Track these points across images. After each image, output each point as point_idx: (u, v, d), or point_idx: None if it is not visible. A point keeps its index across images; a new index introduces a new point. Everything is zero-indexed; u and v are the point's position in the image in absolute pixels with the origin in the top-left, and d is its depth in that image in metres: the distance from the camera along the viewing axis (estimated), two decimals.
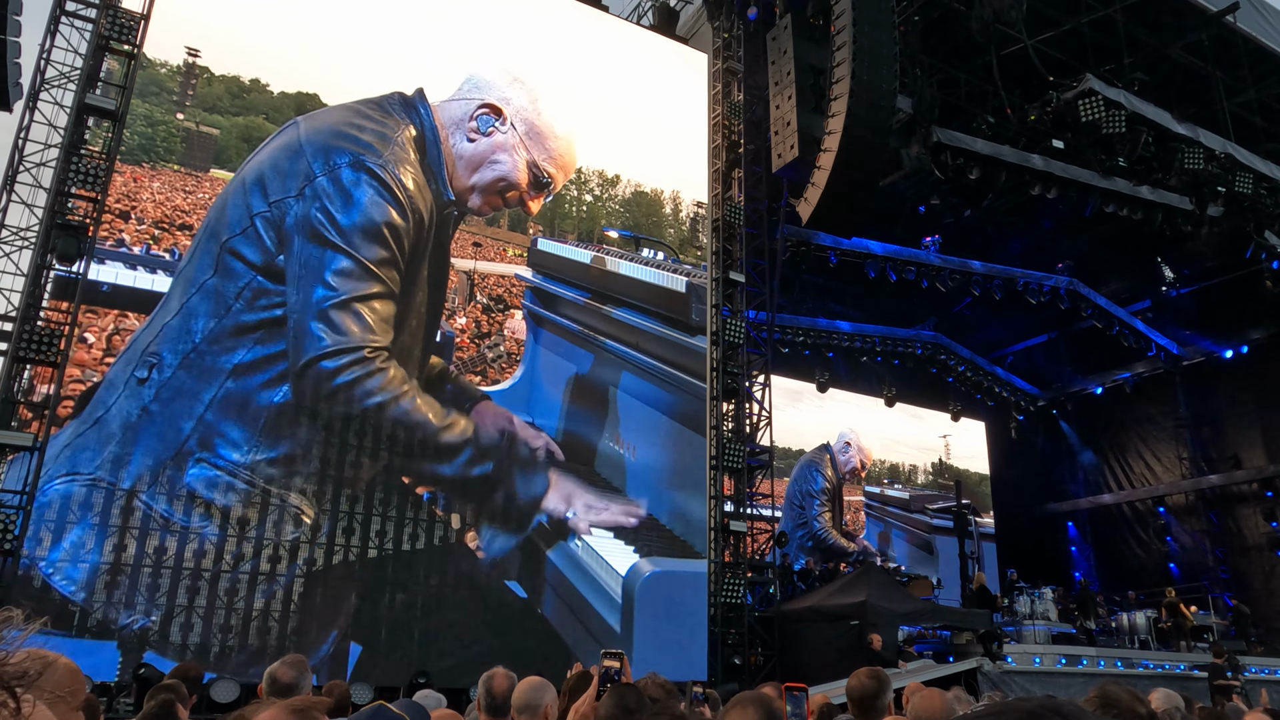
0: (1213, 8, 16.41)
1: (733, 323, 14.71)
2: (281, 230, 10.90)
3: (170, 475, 9.89)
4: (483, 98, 12.56)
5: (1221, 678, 12.37)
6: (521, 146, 12.72)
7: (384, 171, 11.59)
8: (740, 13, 15.93)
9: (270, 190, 10.94)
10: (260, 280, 10.70)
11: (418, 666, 10.72)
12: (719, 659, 12.94)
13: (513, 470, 12.04)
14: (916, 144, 14.51)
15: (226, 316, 10.44)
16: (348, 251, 11.19)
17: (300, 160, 11.27)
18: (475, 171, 12.38)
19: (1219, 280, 21.25)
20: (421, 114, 12.15)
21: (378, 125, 11.81)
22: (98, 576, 9.42)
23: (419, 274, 11.87)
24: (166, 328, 10.17)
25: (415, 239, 11.81)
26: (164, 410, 9.98)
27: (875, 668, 3.31)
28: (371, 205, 11.48)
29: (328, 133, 11.61)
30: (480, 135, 12.39)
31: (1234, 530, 22.07)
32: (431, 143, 12.11)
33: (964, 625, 13.60)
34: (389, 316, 11.39)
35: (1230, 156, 16.55)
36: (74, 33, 10.99)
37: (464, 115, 12.38)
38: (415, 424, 11.44)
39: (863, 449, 22.43)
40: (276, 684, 3.23)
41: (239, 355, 10.45)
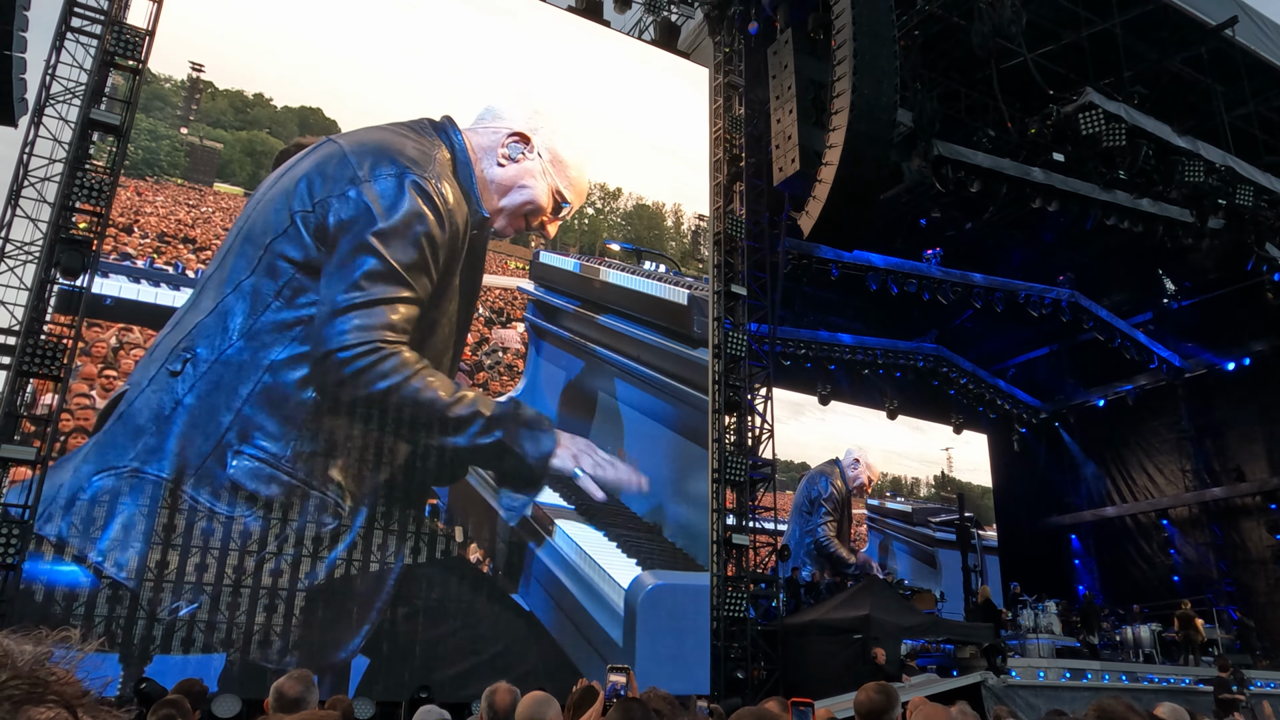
0: (1211, 21, 16.49)
1: (734, 335, 14.72)
2: (323, 228, 11.20)
3: (211, 467, 10.12)
4: (509, 126, 13.11)
5: (1226, 691, 12.31)
6: (546, 173, 13.23)
7: (427, 184, 12.06)
8: (741, 27, 16.02)
9: (315, 192, 11.30)
10: (300, 278, 10.97)
11: (419, 681, 10.68)
12: (721, 673, 12.88)
13: (519, 433, 12.33)
14: (917, 157, 14.56)
15: (265, 314, 10.69)
16: (381, 254, 11.52)
17: (346, 167, 11.65)
18: (504, 195, 12.87)
19: (1220, 292, 21.26)
20: (452, 138, 12.64)
21: (417, 144, 12.30)
22: (146, 566, 9.64)
23: (452, 284, 12.25)
24: (200, 326, 10.37)
25: (450, 251, 12.19)
26: (201, 403, 10.17)
27: (884, 683, 3.30)
28: (413, 214, 11.88)
29: (372, 147, 12.02)
30: (510, 161, 12.94)
31: (1238, 543, 22.00)
32: (463, 164, 12.62)
33: (968, 639, 13.55)
34: (412, 319, 11.70)
35: (1230, 169, 16.59)
36: (79, 48, 11.06)
37: (494, 143, 12.96)
38: (425, 401, 11.73)
39: (869, 466, 22.49)
40: (284, 699, 3.23)
41: (275, 352, 10.69)
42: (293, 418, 10.69)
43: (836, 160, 12.69)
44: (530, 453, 12.33)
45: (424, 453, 11.68)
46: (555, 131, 13.53)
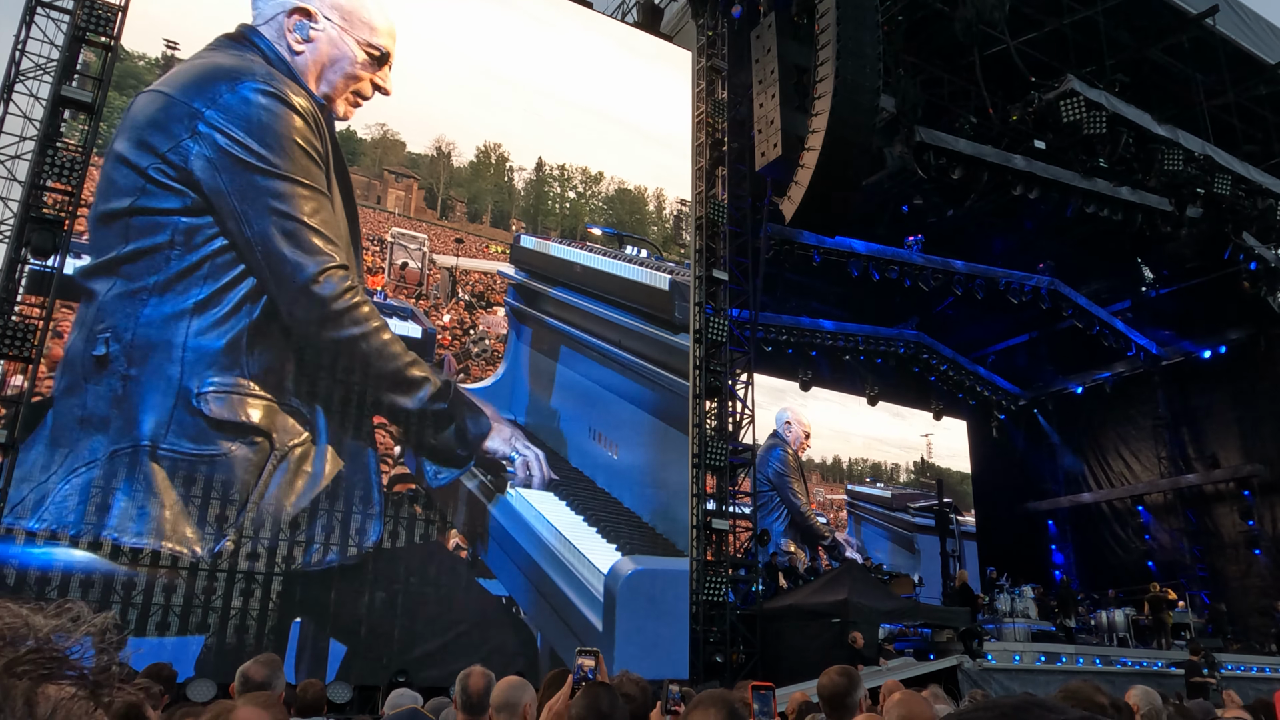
0: (1192, 10, 16.57)
1: (716, 321, 14.70)
2: (189, 174, 10.73)
3: (180, 417, 10.11)
4: (283, 5, 12.06)
5: (1198, 675, 12.48)
6: (344, 34, 12.29)
7: (268, 87, 11.50)
8: (725, 11, 15.92)
9: (156, 144, 10.67)
10: (185, 221, 10.65)
11: (397, 665, 10.66)
12: (701, 657, 12.94)
13: (463, 408, 12.28)
14: (900, 143, 14.57)
15: (168, 265, 10.43)
16: (277, 173, 11.22)
17: (174, 106, 10.94)
18: (320, 80, 12.11)
19: (1198, 281, 21.43)
20: (257, 44, 11.79)
21: (230, 57, 11.60)
22: (161, 523, 9.73)
23: (332, 183, 11.85)
24: (103, 305, 10.05)
25: (321, 142, 11.78)
26: (144, 368, 10.05)
27: (845, 665, 3.30)
28: (272, 120, 11.39)
29: (191, 77, 11.31)
30: (304, 44, 12.01)
31: (1211, 529, 22.29)
32: (279, 63, 11.82)
33: (944, 623, 13.66)
34: (334, 224, 11.61)
35: (1209, 158, 16.71)
36: (50, 24, 10.85)
37: (280, 31, 11.96)
38: (388, 355, 11.76)
39: (799, 420, 22.35)
40: (250, 682, 3.20)
41: (195, 294, 10.53)
42: (237, 345, 10.65)
43: (819, 145, 12.67)
44: (471, 429, 12.30)
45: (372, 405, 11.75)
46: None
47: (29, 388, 9.51)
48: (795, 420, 22.26)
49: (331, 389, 11.29)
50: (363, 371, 11.57)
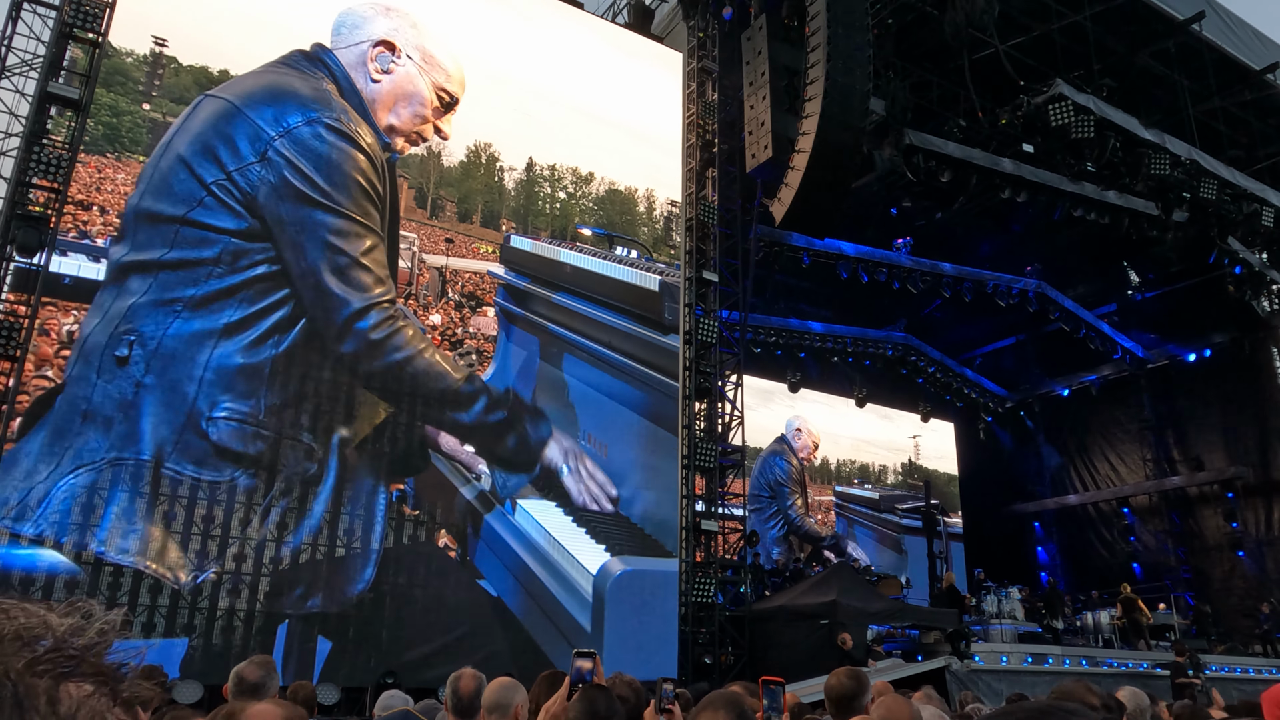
0: (1179, 16, 16.70)
1: (705, 322, 14.71)
2: (252, 199, 10.85)
3: (188, 439, 10.02)
4: (368, 36, 12.38)
5: (1183, 676, 12.56)
6: (423, 74, 12.58)
7: (341, 124, 11.64)
8: (715, 12, 15.94)
9: (223, 159, 10.78)
10: (235, 243, 10.70)
11: (385, 666, 10.61)
12: (689, 658, 12.94)
13: (523, 415, 12.52)
14: (889, 146, 14.62)
15: (208, 282, 10.43)
16: (338, 210, 11.36)
17: (245, 123, 11.08)
18: (390, 111, 12.31)
19: (1183, 285, 21.62)
20: (331, 66, 11.99)
21: (305, 81, 11.73)
22: (148, 544, 9.59)
23: (385, 218, 12.08)
24: (136, 307, 10.04)
25: (384, 186, 11.99)
26: (161, 380, 9.97)
27: (855, 668, 3.31)
28: (342, 159, 11.57)
29: (263, 95, 11.44)
30: (384, 74, 12.28)
31: (1196, 531, 22.46)
32: (350, 91, 12.04)
33: (932, 624, 13.71)
34: (385, 263, 11.76)
35: (1195, 163, 16.84)
36: (36, 19, 10.75)
37: (360, 59, 12.24)
38: (436, 375, 11.89)
39: (810, 431, 22.42)
40: (244, 683, 3.18)
41: (227, 315, 10.51)
42: (259, 374, 10.61)
43: (809, 147, 12.71)
44: (532, 434, 12.50)
45: (396, 434, 11.60)
46: (415, 27, 12.81)
47: (14, 386, 9.42)
48: (805, 430, 22.32)
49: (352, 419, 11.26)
50: (414, 395, 11.68)
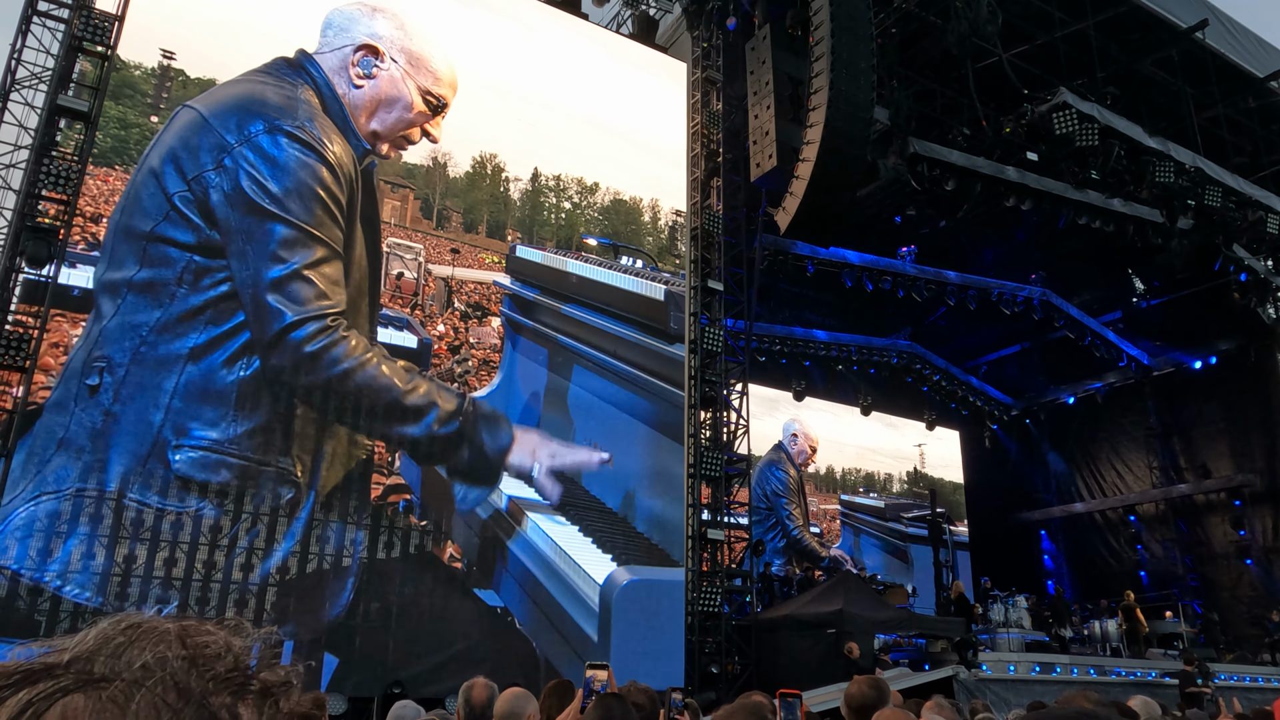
0: (1182, 24, 16.73)
1: (711, 331, 14.73)
2: (207, 206, 10.59)
3: (152, 467, 9.81)
4: (352, 40, 12.11)
5: (1192, 685, 12.51)
6: (408, 78, 12.26)
7: (303, 133, 11.30)
8: (719, 23, 16.01)
9: (185, 169, 10.57)
10: (197, 260, 10.45)
11: (391, 677, 10.61)
12: (696, 668, 12.91)
13: (478, 424, 12.04)
14: (893, 155, 14.65)
15: (172, 304, 10.21)
16: (287, 220, 10.98)
17: (209, 134, 10.87)
18: (372, 116, 12.02)
19: (1188, 292, 21.58)
20: (312, 72, 11.76)
21: (278, 90, 11.48)
22: (109, 579, 9.39)
23: (355, 228, 11.71)
24: (106, 331, 9.89)
25: (347, 194, 11.61)
26: (128, 409, 9.82)
27: (875, 677, 3.32)
28: (300, 168, 11.24)
29: (232, 105, 11.23)
30: (366, 79, 11.98)
31: (1203, 539, 22.37)
32: (330, 98, 11.78)
33: (939, 633, 13.67)
34: (338, 278, 11.27)
35: (1200, 170, 16.83)
36: (46, 33, 10.84)
37: (343, 63, 11.98)
38: (381, 388, 11.38)
39: (807, 434, 22.14)
40: None
41: (193, 339, 10.27)
42: (226, 399, 10.38)
43: (813, 157, 12.73)
44: (489, 445, 12.05)
45: (374, 439, 11.57)
46: (402, 29, 12.47)
47: (24, 397, 9.46)
48: (803, 434, 22.03)
49: (324, 440, 10.97)
50: (358, 408, 11.21)
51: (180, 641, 0.63)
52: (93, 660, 0.60)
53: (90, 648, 0.61)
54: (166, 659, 0.61)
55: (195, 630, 0.65)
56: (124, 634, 0.62)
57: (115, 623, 0.64)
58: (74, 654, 0.60)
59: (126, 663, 0.60)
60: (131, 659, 0.60)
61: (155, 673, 0.59)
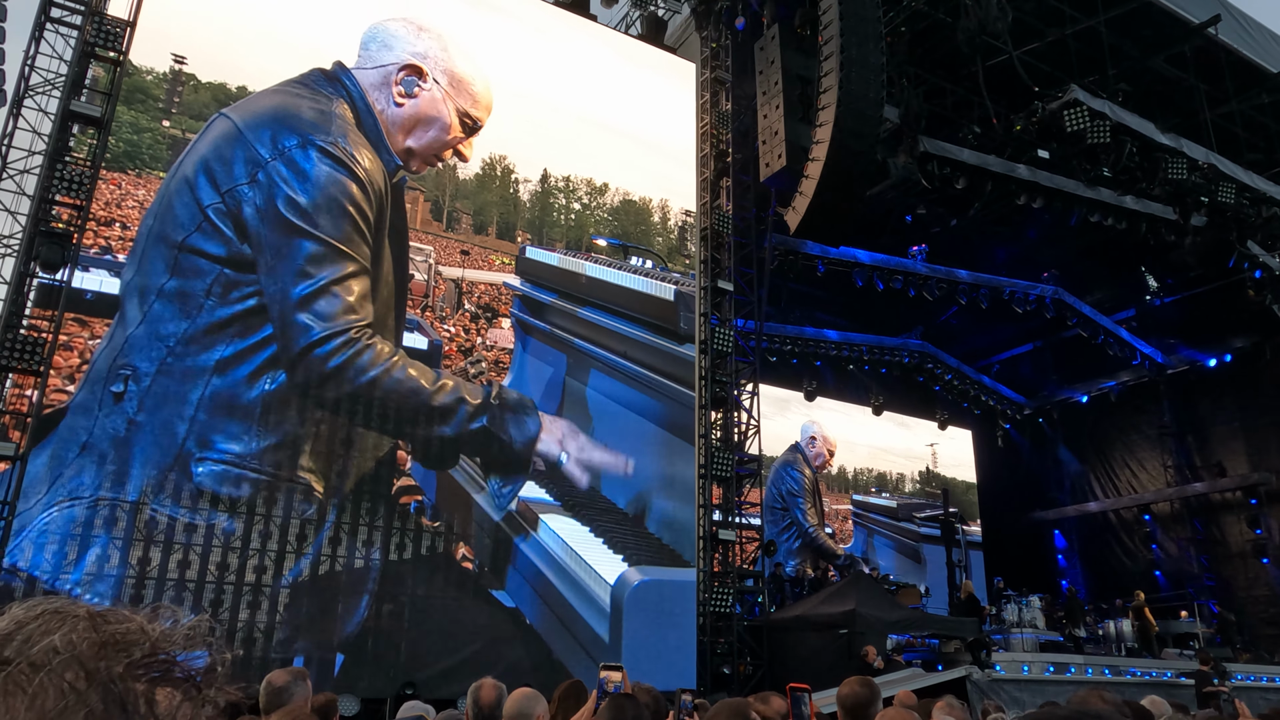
0: (1195, 20, 16.61)
1: (721, 331, 14.72)
2: (240, 219, 10.70)
3: (175, 479, 9.88)
4: (396, 59, 12.25)
5: (1208, 684, 12.41)
6: (448, 99, 12.40)
7: (335, 148, 11.41)
8: (728, 23, 16.00)
9: (219, 181, 10.68)
10: (228, 273, 10.54)
11: (403, 678, 10.64)
12: (708, 668, 12.90)
13: (504, 416, 12.13)
14: (903, 153, 14.59)
15: (200, 315, 10.29)
16: (317, 236, 11.08)
17: (244, 146, 10.99)
18: (410, 135, 12.13)
19: (1202, 289, 21.43)
20: (348, 86, 11.88)
21: (312, 103, 11.59)
22: (130, 587, 9.46)
23: (383, 243, 11.80)
24: (132, 339, 9.96)
25: (377, 210, 11.71)
26: (152, 419, 9.88)
27: (866, 676, 3.31)
28: (330, 183, 11.34)
29: (266, 117, 11.34)
30: (408, 98, 12.09)
31: (1219, 538, 22.20)
32: (365, 113, 11.89)
33: (952, 633, 13.61)
34: (365, 293, 11.38)
35: (1213, 167, 16.72)
36: (59, 39, 10.94)
37: (385, 80, 12.10)
38: (409, 391, 11.51)
39: (826, 438, 22.14)
40: (270, 688, 3.25)
41: (219, 351, 10.34)
42: (250, 413, 10.44)
43: (823, 156, 12.71)
44: (515, 437, 12.10)
45: (404, 441, 11.61)
46: (445, 50, 12.63)
47: (39, 401, 9.54)
48: (822, 436, 22.01)
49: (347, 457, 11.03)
50: (386, 415, 11.33)
51: (92, 626, 0.63)
52: (3, 644, 0.61)
53: (3, 631, 0.62)
54: (74, 642, 0.61)
55: (111, 616, 0.65)
56: (37, 619, 0.63)
57: (30, 607, 0.65)
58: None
59: (33, 645, 0.61)
60: (39, 642, 0.61)
61: (61, 654, 0.60)
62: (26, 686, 0.58)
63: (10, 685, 0.58)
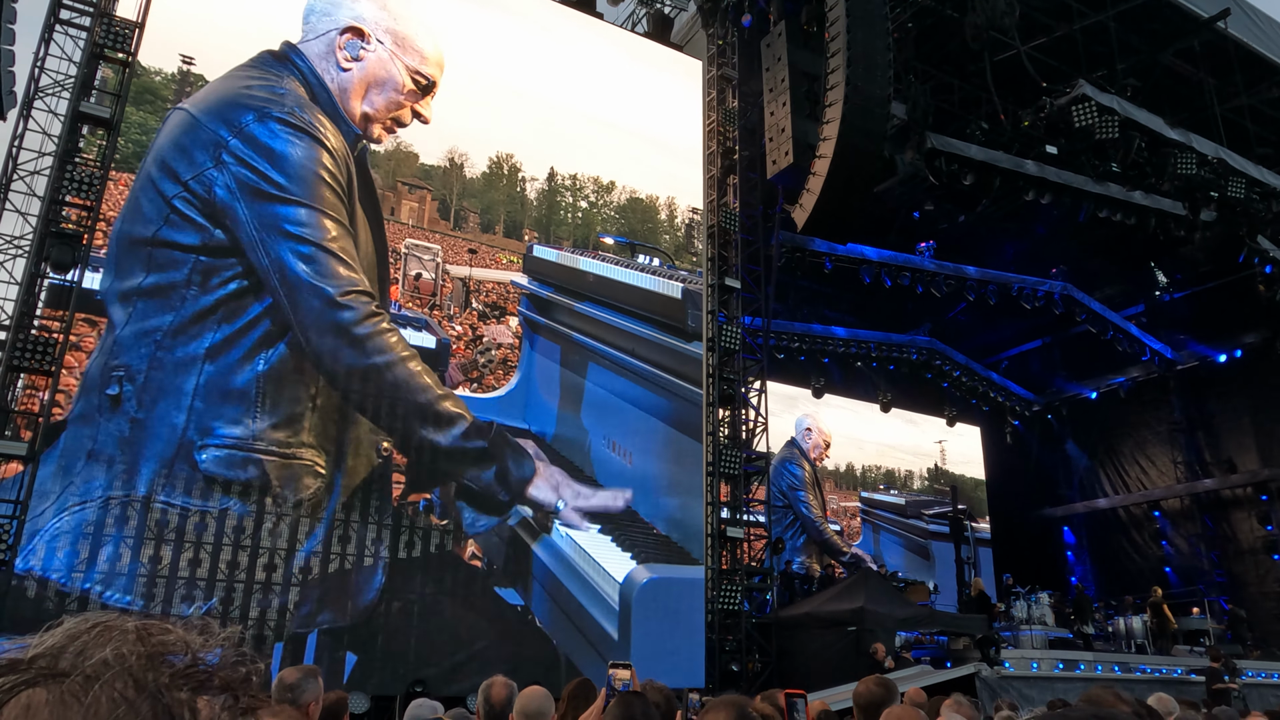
0: (1204, 14, 16.51)
1: (728, 329, 14.72)
2: (211, 203, 10.68)
3: (180, 469, 9.96)
4: (336, 24, 12.09)
5: (1219, 682, 12.38)
6: (395, 58, 12.27)
7: (293, 118, 11.38)
8: (735, 20, 15.99)
9: (179, 170, 10.64)
10: (204, 260, 10.54)
11: (413, 675, 10.68)
12: (716, 666, 12.91)
13: (504, 450, 12.12)
14: (911, 150, 14.55)
15: (184, 306, 10.32)
16: (296, 200, 11.08)
17: (200, 131, 10.94)
18: (363, 99, 12.02)
19: (1212, 285, 21.33)
20: (297, 63, 11.78)
21: (262, 82, 11.52)
22: (151, 580, 9.58)
23: (356, 213, 11.76)
24: (120, 340, 9.99)
25: (345, 176, 11.65)
26: (151, 414, 9.96)
27: (883, 676, 3.32)
28: (295, 151, 11.31)
29: (218, 102, 11.28)
30: (353, 62, 11.98)
31: (1229, 534, 22.11)
32: (318, 86, 11.80)
33: (961, 630, 13.59)
34: (354, 255, 11.40)
35: (1222, 161, 16.62)
36: (68, 40, 10.99)
37: (329, 48, 11.98)
38: (417, 389, 11.57)
39: (820, 429, 22.16)
40: (281, 685, 3.29)
41: (208, 338, 10.39)
42: (246, 396, 10.50)
43: (830, 153, 12.68)
44: (512, 470, 12.06)
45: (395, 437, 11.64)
46: (385, 7, 12.47)
47: (50, 400, 9.59)
48: (816, 428, 22.07)
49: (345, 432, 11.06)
50: (390, 404, 11.39)
51: (140, 639, 0.67)
52: (58, 657, 0.64)
53: (57, 644, 0.65)
54: (124, 655, 0.65)
55: (156, 629, 0.69)
56: (89, 632, 0.67)
57: (81, 621, 0.68)
58: (40, 650, 0.65)
59: (87, 659, 0.64)
60: (92, 655, 0.65)
61: (113, 667, 0.64)
62: (82, 697, 0.61)
63: (67, 696, 0.62)
